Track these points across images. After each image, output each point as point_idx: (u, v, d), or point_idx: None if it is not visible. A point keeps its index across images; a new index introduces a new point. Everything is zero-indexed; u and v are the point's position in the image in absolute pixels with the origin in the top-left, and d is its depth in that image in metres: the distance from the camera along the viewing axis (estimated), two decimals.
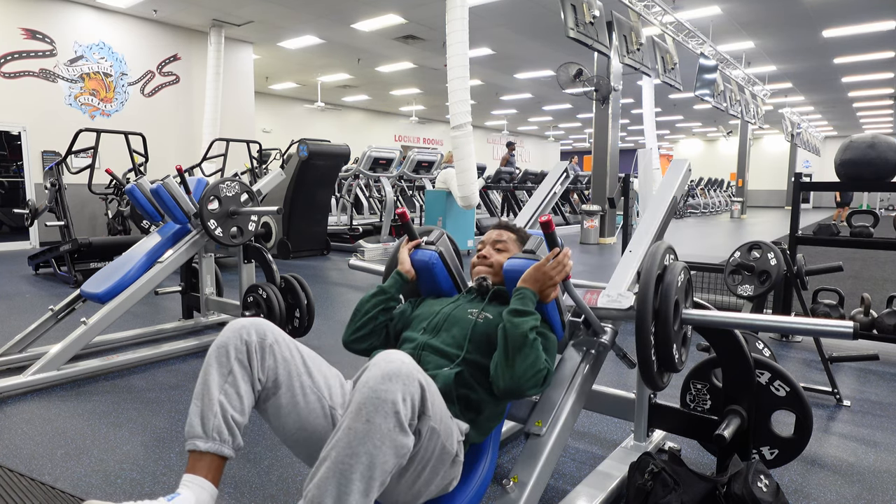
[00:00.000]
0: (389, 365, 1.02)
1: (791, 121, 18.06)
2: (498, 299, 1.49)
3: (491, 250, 1.59)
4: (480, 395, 1.32)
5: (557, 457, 1.40)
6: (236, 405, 1.17)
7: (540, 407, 1.44)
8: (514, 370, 1.24)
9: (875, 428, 2.24)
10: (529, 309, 1.30)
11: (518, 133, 24.26)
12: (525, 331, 1.26)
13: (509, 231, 1.64)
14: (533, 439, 1.38)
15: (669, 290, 1.39)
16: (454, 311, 1.46)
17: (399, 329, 1.55)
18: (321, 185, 7.01)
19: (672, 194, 1.87)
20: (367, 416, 0.98)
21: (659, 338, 1.39)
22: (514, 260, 1.44)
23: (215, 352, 1.21)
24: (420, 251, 1.65)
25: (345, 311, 4.24)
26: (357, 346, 1.54)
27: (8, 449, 1.98)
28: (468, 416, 1.30)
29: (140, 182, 3.33)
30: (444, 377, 1.29)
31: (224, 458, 1.17)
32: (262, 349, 1.21)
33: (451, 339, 1.38)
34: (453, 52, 6.11)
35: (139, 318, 3.80)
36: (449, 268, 1.65)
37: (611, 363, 2.98)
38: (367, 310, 1.53)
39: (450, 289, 1.65)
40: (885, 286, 5.20)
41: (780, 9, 8.78)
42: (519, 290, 1.34)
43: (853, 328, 1.24)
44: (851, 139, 3.00)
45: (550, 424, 1.39)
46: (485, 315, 1.41)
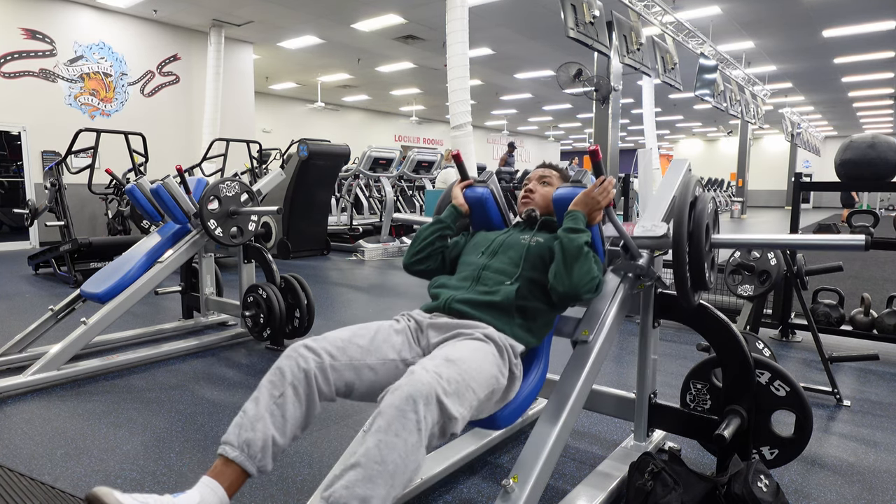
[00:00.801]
0: (412, 387, 1.11)
1: (791, 121, 18.06)
2: (546, 228, 1.66)
3: (537, 185, 1.76)
4: (536, 305, 1.50)
5: (559, 453, 1.40)
6: (279, 426, 1.19)
7: (586, 320, 1.58)
8: (572, 276, 1.42)
9: (875, 428, 2.24)
10: (582, 227, 1.47)
11: (518, 133, 24.26)
12: (581, 244, 1.44)
13: (553, 169, 1.83)
14: (581, 346, 1.53)
15: (702, 216, 1.53)
16: (508, 238, 1.64)
17: (454, 256, 1.73)
18: (321, 185, 7.01)
19: (672, 194, 1.87)
20: (396, 431, 1.07)
21: (693, 258, 1.52)
22: (562, 189, 1.61)
23: (270, 375, 1.25)
24: (472, 188, 1.82)
25: (345, 311, 4.24)
26: (416, 268, 1.74)
27: (8, 449, 1.98)
28: (525, 325, 1.48)
29: (140, 182, 3.33)
30: (505, 292, 1.47)
31: (246, 474, 1.17)
32: (322, 372, 1.26)
33: (508, 259, 1.56)
34: (453, 52, 6.11)
35: (139, 318, 3.80)
36: (499, 203, 1.83)
37: (611, 363, 2.98)
38: (426, 236, 1.72)
39: (500, 223, 1.83)
40: (885, 286, 5.20)
41: (780, 9, 8.78)
42: (571, 212, 1.51)
43: (864, 241, 1.37)
44: (851, 139, 3.00)
45: (596, 332, 1.54)
46: (536, 239, 1.58)
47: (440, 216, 1.76)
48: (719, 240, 1.63)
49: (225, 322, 3.64)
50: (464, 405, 1.17)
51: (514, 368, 1.39)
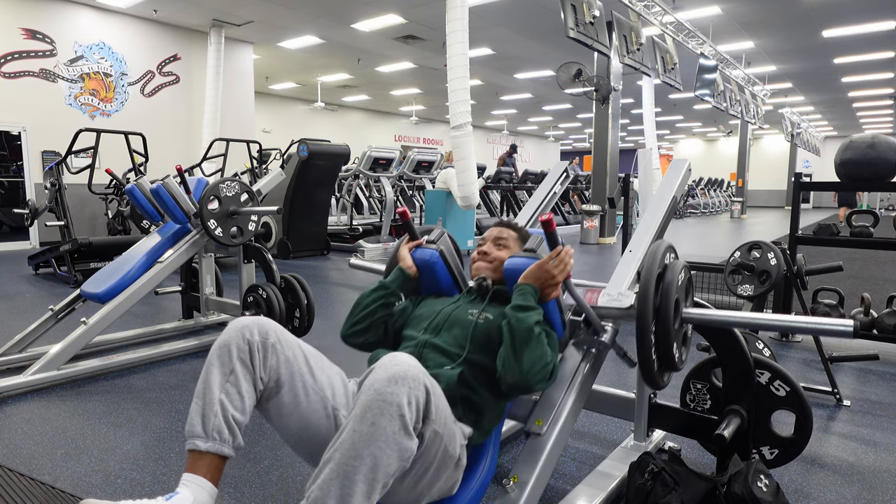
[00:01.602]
0: (395, 367, 1.02)
1: (791, 121, 18.06)
2: (498, 299, 1.49)
3: (492, 247, 1.59)
4: (482, 395, 1.32)
5: (557, 456, 1.40)
6: (237, 404, 1.17)
7: (540, 406, 1.44)
8: (521, 364, 1.24)
9: (875, 428, 2.24)
10: (532, 304, 1.31)
11: (518, 133, 24.27)
12: (530, 325, 1.27)
13: (511, 229, 1.64)
14: (533, 438, 1.38)
15: (670, 289, 1.40)
16: (455, 311, 1.46)
17: (398, 327, 1.55)
18: (321, 185, 7.01)
19: (672, 194, 1.87)
20: (373, 418, 0.98)
21: (659, 336, 1.39)
22: (515, 259, 1.45)
23: (217, 351, 1.21)
24: (421, 249, 1.65)
25: (345, 311, 4.22)
26: (355, 340, 1.54)
27: (8, 449, 1.98)
28: (470, 417, 1.30)
29: (140, 182, 3.33)
30: (446, 377, 1.29)
31: (224, 458, 1.17)
32: (264, 348, 1.21)
33: (452, 338, 1.38)
34: (453, 52, 6.11)
35: (139, 318, 3.80)
36: (450, 266, 1.65)
37: (611, 363, 2.98)
38: (367, 304, 1.53)
39: (450, 287, 1.66)
40: (885, 286, 5.20)
41: (780, 9, 8.78)
42: (520, 286, 1.35)
43: (853, 327, 1.24)
44: (851, 139, 3.00)
45: (551, 423, 1.39)
46: (485, 315, 1.41)
47: (384, 281, 1.58)
48: (692, 315, 1.47)
49: (225, 322, 3.64)
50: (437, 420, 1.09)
51: (462, 453, 1.22)
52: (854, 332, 1.24)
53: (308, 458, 1.25)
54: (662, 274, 1.43)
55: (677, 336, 1.45)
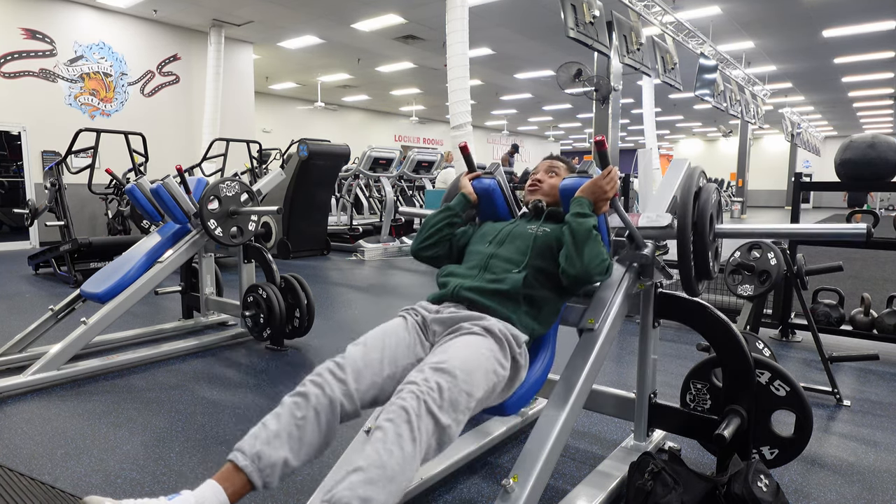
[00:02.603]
0: (404, 402, 1.13)
1: (791, 121, 18.06)
2: (552, 218, 1.67)
3: (544, 175, 1.78)
4: (543, 293, 1.52)
5: (559, 453, 1.40)
6: (294, 447, 1.17)
7: (592, 307, 1.60)
8: (583, 259, 1.44)
9: (875, 428, 2.24)
10: (589, 212, 1.50)
11: (518, 133, 24.26)
12: (589, 227, 1.47)
13: (560, 161, 1.84)
14: (587, 333, 1.55)
15: (706, 206, 1.56)
16: (515, 228, 1.66)
17: (462, 245, 1.74)
18: (321, 185, 7.01)
19: (672, 194, 1.87)
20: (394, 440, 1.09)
21: (697, 248, 1.54)
22: (569, 179, 1.66)
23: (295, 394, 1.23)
24: (479, 180, 1.85)
25: (345, 311, 4.24)
26: (424, 254, 1.75)
27: (8, 448, 1.98)
28: (533, 312, 1.50)
29: (140, 182, 3.33)
30: (512, 280, 1.48)
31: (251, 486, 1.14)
32: (348, 397, 1.25)
33: (515, 248, 1.57)
34: (453, 52, 6.11)
35: (139, 318, 3.80)
36: (506, 194, 1.86)
37: (611, 363, 2.98)
38: (435, 222, 1.74)
39: (506, 214, 1.85)
40: (885, 286, 5.20)
41: (780, 9, 8.78)
42: (577, 198, 1.54)
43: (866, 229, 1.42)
44: (851, 139, 3.00)
45: (602, 320, 1.55)
46: (543, 229, 1.60)
47: (448, 203, 1.78)
48: (723, 230, 1.65)
49: (225, 322, 3.64)
50: (458, 410, 1.19)
51: (518, 357, 1.40)
52: (867, 235, 1.41)
53: None
54: (698, 193, 1.58)
55: (711, 247, 1.62)
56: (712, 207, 1.58)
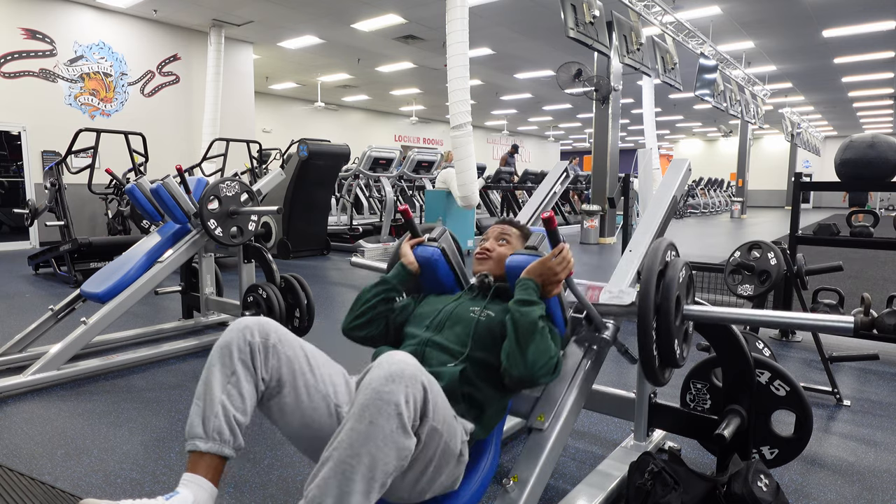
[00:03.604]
0: (392, 366, 1.02)
1: (791, 121, 18.06)
2: (500, 297, 1.50)
3: (494, 243, 1.60)
4: (485, 391, 1.33)
5: (559, 453, 1.40)
6: (238, 405, 1.17)
7: (542, 402, 1.46)
8: (526, 358, 1.25)
9: (875, 428, 2.24)
10: (535, 299, 1.32)
11: (518, 133, 24.26)
12: (535, 318, 1.28)
13: (513, 227, 1.66)
14: (535, 434, 1.40)
15: (671, 286, 1.40)
16: (457, 308, 1.47)
17: (400, 323, 1.55)
18: (321, 185, 7.01)
19: (672, 194, 1.87)
20: (371, 417, 0.98)
21: (661, 333, 1.40)
22: (516, 256, 1.46)
23: (218, 352, 1.20)
24: (423, 247, 1.66)
25: (345, 311, 4.22)
26: (356, 334, 1.55)
27: (8, 448, 1.98)
28: (473, 413, 1.31)
29: (140, 182, 3.33)
30: (448, 374, 1.30)
31: (224, 459, 1.17)
32: (265, 349, 1.21)
33: (454, 336, 1.39)
34: (453, 52, 6.11)
35: (139, 318, 3.80)
36: (451, 264, 1.67)
37: (611, 362, 2.98)
38: (368, 298, 1.54)
39: (452, 285, 1.67)
40: (885, 286, 5.20)
41: (780, 9, 8.78)
42: (522, 281, 1.36)
43: (854, 324, 1.25)
44: (851, 139, 3.00)
45: (553, 419, 1.40)
46: (487, 313, 1.42)
47: (385, 276, 1.60)
48: (693, 312, 1.47)
49: (225, 322, 3.64)
50: (435, 417, 1.08)
51: (464, 448, 1.23)
52: (854, 330, 1.25)
53: (311, 456, 1.25)
54: (664, 271, 1.43)
55: (678, 333, 1.45)
56: (679, 287, 1.42)
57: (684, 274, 1.48)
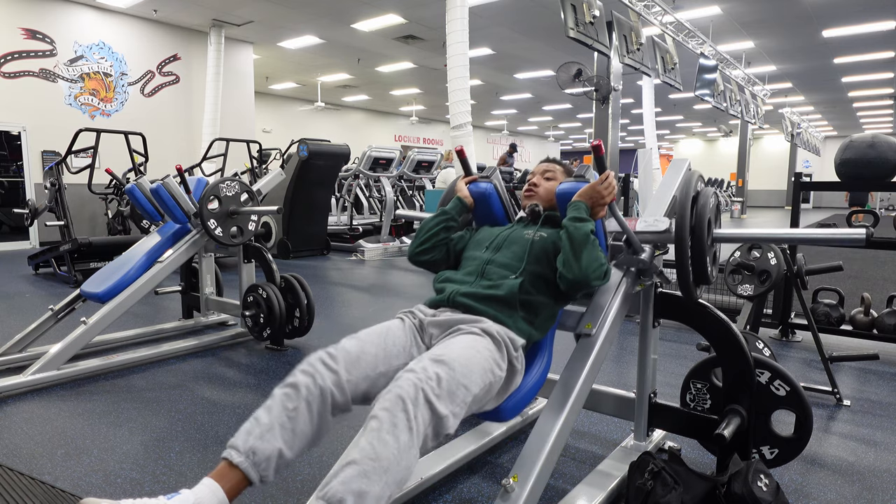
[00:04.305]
0: (401, 390, 1.12)
1: (791, 121, 18.06)
2: (550, 223, 1.67)
3: (541, 179, 1.78)
4: (540, 299, 1.52)
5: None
6: (288, 439, 1.16)
7: (589, 312, 1.60)
8: (580, 263, 1.43)
9: (875, 427, 2.24)
10: (587, 217, 1.49)
11: (518, 133, 24.26)
12: (587, 231, 1.46)
13: (557, 164, 1.83)
14: (584, 339, 1.55)
15: (704, 211, 1.54)
16: (512, 233, 1.64)
17: (459, 250, 1.73)
18: (321, 185, 7.01)
19: (672, 194, 1.87)
20: (389, 429, 1.08)
21: (695, 252, 1.53)
22: (566, 184, 1.65)
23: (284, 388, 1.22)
24: (476, 183, 1.83)
25: (345, 311, 4.24)
26: (421, 258, 1.73)
27: (8, 448, 1.98)
28: (529, 318, 1.49)
29: (140, 182, 3.33)
30: (509, 286, 1.48)
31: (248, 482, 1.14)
32: (339, 387, 1.24)
33: (511, 254, 1.57)
34: (453, 52, 6.11)
35: (139, 318, 3.80)
36: (503, 198, 1.85)
37: (611, 362, 2.98)
38: (431, 227, 1.72)
39: (503, 218, 1.85)
40: (885, 286, 5.20)
41: (780, 9, 8.78)
42: (574, 203, 1.52)
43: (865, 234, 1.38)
44: (851, 139, 3.00)
45: (599, 325, 1.55)
46: (540, 234, 1.60)
47: (445, 208, 1.76)
48: (721, 234, 1.64)
49: (225, 322, 3.64)
50: (455, 402, 1.17)
51: (515, 361, 1.39)
52: (866, 239, 1.38)
53: None
54: (696, 198, 1.56)
55: (709, 252, 1.60)
56: (710, 212, 1.57)
57: (713, 201, 1.61)
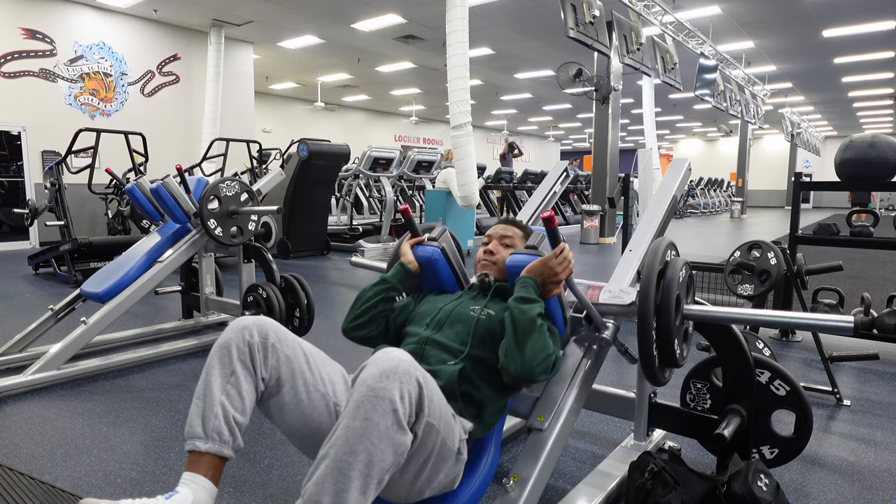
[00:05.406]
0: (387, 363, 1.03)
1: (791, 121, 18.06)
2: (499, 295, 1.50)
3: (498, 245, 1.60)
4: (483, 390, 1.33)
5: (559, 453, 1.40)
6: (238, 405, 1.17)
7: (542, 401, 1.46)
8: (524, 355, 1.26)
9: (875, 427, 2.24)
10: (534, 297, 1.32)
11: (518, 133, 24.26)
12: (533, 316, 1.28)
13: (516, 227, 1.66)
14: (535, 434, 1.40)
15: (671, 286, 1.40)
16: (457, 307, 1.47)
17: (400, 322, 1.56)
18: (321, 185, 7.01)
19: (672, 193, 1.87)
20: (366, 413, 0.98)
21: (661, 333, 1.40)
22: (516, 255, 1.45)
23: (217, 352, 1.20)
24: (422, 247, 1.65)
25: (345, 311, 4.22)
26: (356, 334, 1.55)
27: (8, 448, 1.98)
28: (471, 412, 1.31)
29: (140, 182, 3.33)
30: (448, 373, 1.30)
31: (224, 459, 1.17)
32: (264, 348, 1.21)
33: (454, 334, 1.39)
34: (453, 52, 6.11)
35: (139, 318, 3.80)
36: (451, 263, 1.66)
37: (611, 362, 2.98)
38: (368, 298, 1.54)
39: (452, 285, 1.67)
40: (885, 286, 5.20)
41: (780, 9, 8.78)
42: (522, 279, 1.36)
43: (854, 323, 1.25)
44: (851, 139, 3.00)
45: (553, 418, 1.40)
46: (487, 312, 1.42)
47: (384, 275, 1.58)
48: (693, 311, 1.47)
49: (225, 322, 3.64)
50: (431, 413, 1.08)
51: (462, 446, 1.23)
52: (854, 330, 1.25)
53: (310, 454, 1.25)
54: (664, 271, 1.43)
55: (678, 333, 1.45)
56: (679, 287, 1.42)
57: (684, 273, 1.48)
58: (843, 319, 1.28)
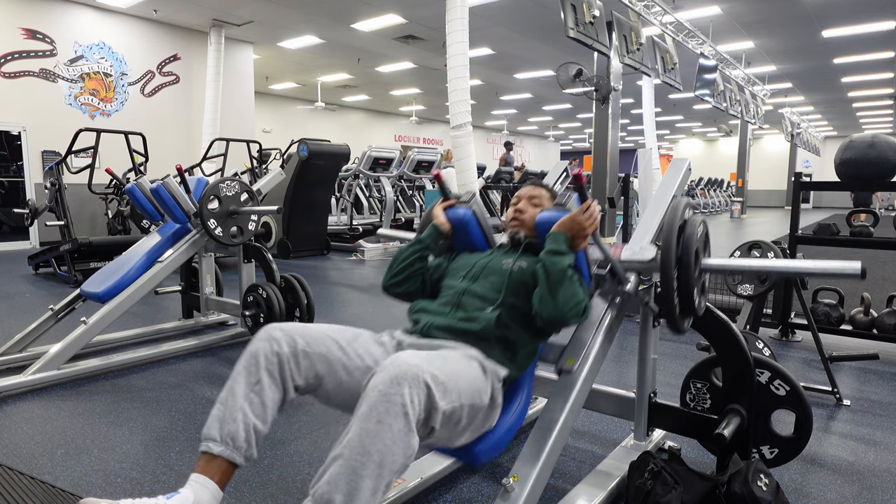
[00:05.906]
0: (397, 368, 1.07)
1: (791, 121, 18.06)
2: (530, 250, 1.59)
3: (527, 204, 1.69)
4: (518, 334, 1.43)
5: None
6: (259, 413, 1.19)
7: (571, 347, 1.55)
8: (556, 301, 1.36)
9: (875, 427, 2.24)
10: (565, 250, 1.41)
11: (518, 133, 24.26)
12: (564, 266, 1.38)
13: (543, 188, 1.75)
14: (565, 375, 1.49)
15: (690, 240, 1.49)
16: (490, 262, 1.57)
17: (436, 279, 1.66)
18: (321, 185, 7.01)
19: (672, 193, 1.87)
20: (379, 416, 1.02)
21: (681, 283, 1.48)
22: (546, 212, 1.57)
23: (245, 361, 1.23)
24: (454, 209, 1.75)
25: (345, 311, 4.24)
26: (395, 290, 1.65)
27: (8, 448, 1.98)
28: (507, 354, 1.41)
29: (140, 182, 3.33)
30: (485, 319, 1.40)
31: (234, 465, 1.17)
32: (294, 356, 1.24)
33: (489, 284, 1.49)
34: (453, 52, 6.11)
35: (139, 318, 3.80)
36: (482, 225, 1.77)
37: (611, 362, 2.98)
38: (405, 257, 1.64)
39: (482, 245, 1.76)
40: (885, 286, 5.20)
41: (780, 9, 8.78)
42: (553, 234, 1.45)
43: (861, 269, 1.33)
44: (851, 139, 3.00)
45: (581, 361, 1.49)
46: (519, 265, 1.51)
47: (419, 236, 1.68)
48: (710, 264, 1.57)
49: (225, 322, 3.64)
50: (447, 400, 1.12)
51: (496, 394, 1.33)
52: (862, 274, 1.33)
53: None
54: (683, 227, 1.51)
55: (697, 283, 1.54)
56: (698, 241, 1.51)
57: (702, 230, 1.57)
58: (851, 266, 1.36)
